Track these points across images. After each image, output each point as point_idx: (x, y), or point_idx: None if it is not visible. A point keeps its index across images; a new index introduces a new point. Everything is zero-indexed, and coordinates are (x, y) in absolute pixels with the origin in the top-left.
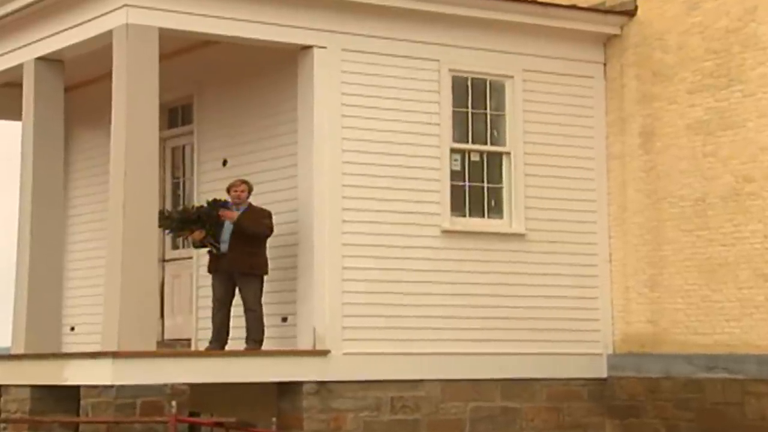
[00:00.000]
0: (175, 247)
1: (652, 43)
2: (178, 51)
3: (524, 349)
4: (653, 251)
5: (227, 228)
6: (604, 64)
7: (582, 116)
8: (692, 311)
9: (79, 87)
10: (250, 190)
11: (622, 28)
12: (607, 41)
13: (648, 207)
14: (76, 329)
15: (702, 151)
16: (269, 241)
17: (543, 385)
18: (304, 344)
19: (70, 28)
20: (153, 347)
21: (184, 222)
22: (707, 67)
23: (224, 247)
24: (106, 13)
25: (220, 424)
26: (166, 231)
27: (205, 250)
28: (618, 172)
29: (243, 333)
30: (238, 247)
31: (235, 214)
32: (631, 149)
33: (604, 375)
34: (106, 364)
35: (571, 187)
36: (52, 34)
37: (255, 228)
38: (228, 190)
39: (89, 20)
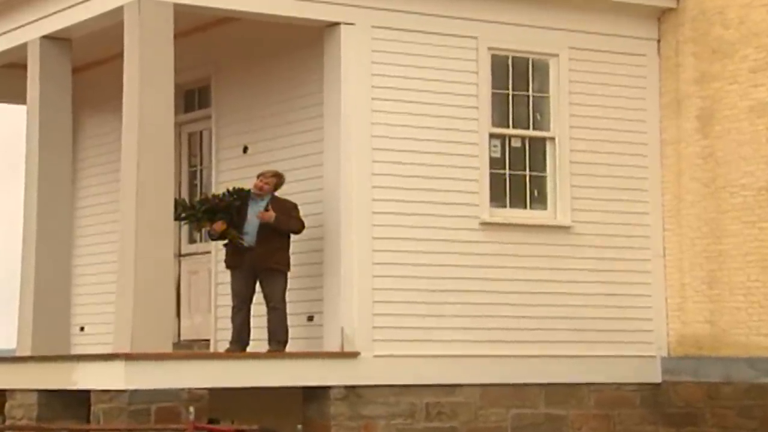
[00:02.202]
0: (192, 241)
1: (711, 18)
2: (195, 29)
3: (570, 352)
4: (712, 245)
5: (251, 220)
6: (658, 41)
7: (633, 98)
8: (755, 310)
9: (89, 68)
10: (277, 185)
11: (677, 1)
12: (661, 16)
13: (706, 197)
14: (87, 329)
15: (766, 135)
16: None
17: (591, 391)
18: (332, 346)
19: (78, 4)
20: (169, 349)
21: (208, 213)
22: None
23: (249, 239)
24: None
25: None
26: (183, 221)
27: (222, 243)
28: (673, 158)
29: (265, 334)
30: (266, 241)
31: (272, 214)
32: (687, 134)
33: (658, 379)
34: (118, 366)
35: (622, 176)
36: (59, 11)
37: (293, 226)
38: (258, 179)
39: None
